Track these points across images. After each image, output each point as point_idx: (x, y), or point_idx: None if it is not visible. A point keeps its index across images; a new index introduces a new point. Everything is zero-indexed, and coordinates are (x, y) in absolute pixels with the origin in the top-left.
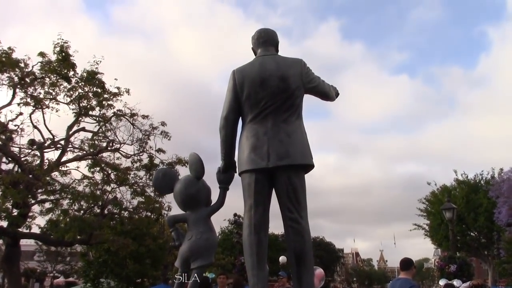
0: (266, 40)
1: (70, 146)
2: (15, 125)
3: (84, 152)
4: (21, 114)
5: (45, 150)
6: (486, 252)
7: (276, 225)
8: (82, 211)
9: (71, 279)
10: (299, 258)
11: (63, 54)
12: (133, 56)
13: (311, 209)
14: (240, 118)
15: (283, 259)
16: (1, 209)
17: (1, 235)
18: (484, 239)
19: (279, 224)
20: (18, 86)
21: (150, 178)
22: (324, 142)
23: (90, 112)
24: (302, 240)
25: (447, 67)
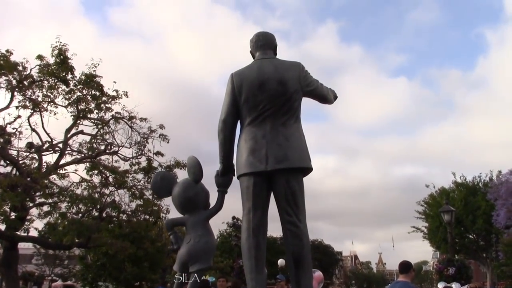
0: (264, 44)
1: (68, 149)
2: (13, 128)
3: (82, 155)
4: (19, 117)
5: (43, 153)
6: (484, 255)
7: (274, 228)
8: (80, 214)
9: (69, 283)
10: (298, 261)
11: (62, 57)
12: (131, 59)
13: (310, 211)
14: (239, 121)
15: (281, 262)
16: None
17: None
18: (483, 241)
19: (277, 227)
20: (16, 89)
21: (149, 181)
22: (322, 145)
23: (89, 115)
24: (301, 243)
25: (445, 69)
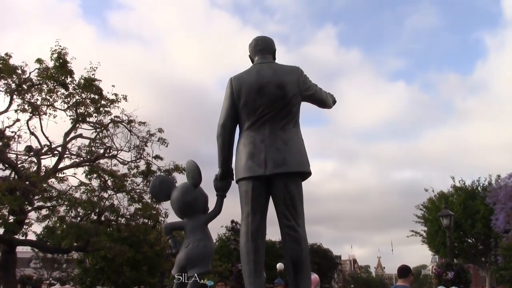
0: (263, 48)
1: (67, 152)
2: (12, 131)
3: (81, 159)
4: (18, 120)
5: (42, 157)
6: (483, 259)
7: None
8: (79, 218)
9: (68, 286)
10: (296, 265)
11: (61, 60)
12: (130, 62)
13: (309, 215)
14: (238, 126)
15: (280, 266)
16: None
17: None
18: (482, 245)
19: (276, 231)
20: (15, 93)
21: (147, 185)
22: (321, 149)
23: (88, 119)
24: (299, 247)
25: (444, 73)
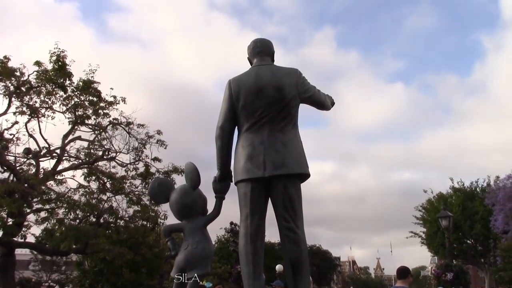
0: (262, 50)
1: (65, 155)
2: (11, 134)
3: (80, 161)
4: (16, 123)
5: (40, 159)
6: (482, 260)
7: (272, 233)
8: (78, 220)
9: None
10: (295, 267)
11: (60, 63)
12: (129, 64)
13: (308, 217)
14: (236, 128)
15: (279, 267)
16: None
17: None
18: (481, 246)
19: (275, 233)
20: (14, 95)
21: (146, 187)
22: (320, 150)
23: (86, 121)
24: (298, 249)
25: (442, 75)
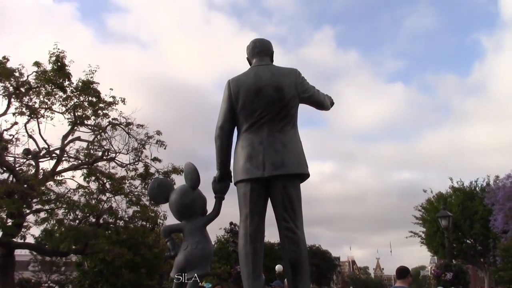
0: (261, 50)
1: (65, 155)
2: (10, 134)
3: (80, 162)
4: (16, 123)
5: (40, 160)
6: (482, 260)
7: (272, 233)
8: (77, 220)
9: None
10: (295, 267)
11: (59, 63)
12: (128, 64)
13: (307, 217)
14: (236, 128)
15: (279, 267)
16: None
17: None
18: (480, 246)
19: (275, 233)
20: (13, 96)
21: (146, 187)
22: (319, 150)
23: (86, 122)
24: (298, 249)
25: (442, 74)
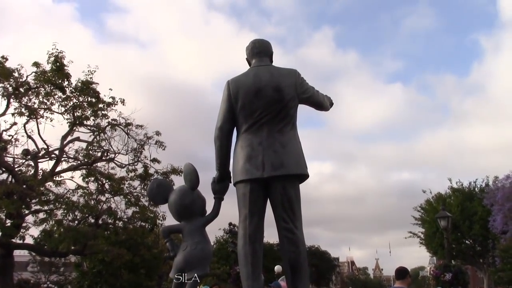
0: (260, 51)
1: (64, 156)
2: (9, 135)
3: (79, 162)
4: (15, 124)
5: (39, 160)
6: (481, 260)
7: (271, 234)
8: (77, 221)
9: None
10: (294, 268)
11: (58, 64)
12: (127, 65)
13: (306, 217)
14: (235, 128)
15: (278, 268)
16: None
17: None
18: (479, 247)
19: (274, 233)
20: (12, 96)
21: (145, 188)
22: (319, 151)
23: (85, 122)
24: (297, 250)
25: (441, 75)
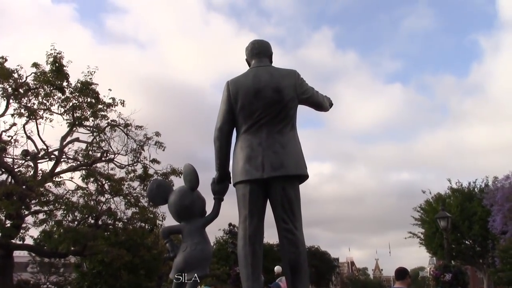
0: (260, 52)
1: (64, 156)
2: (9, 136)
3: (78, 163)
4: (14, 124)
5: (38, 161)
6: (481, 261)
7: (271, 234)
8: (76, 222)
9: None
10: (294, 268)
11: (57, 64)
12: (127, 65)
13: (306, 218)
14: (235, 129)
15: (278, 268)
16: None
17: None
18: (479, 247)
19: (274, 234)
20: (12, 97)
21: (144, 188)
22: (318, 151)
23: (84, 123)
24: (297, 251)
25: (440, 75)
